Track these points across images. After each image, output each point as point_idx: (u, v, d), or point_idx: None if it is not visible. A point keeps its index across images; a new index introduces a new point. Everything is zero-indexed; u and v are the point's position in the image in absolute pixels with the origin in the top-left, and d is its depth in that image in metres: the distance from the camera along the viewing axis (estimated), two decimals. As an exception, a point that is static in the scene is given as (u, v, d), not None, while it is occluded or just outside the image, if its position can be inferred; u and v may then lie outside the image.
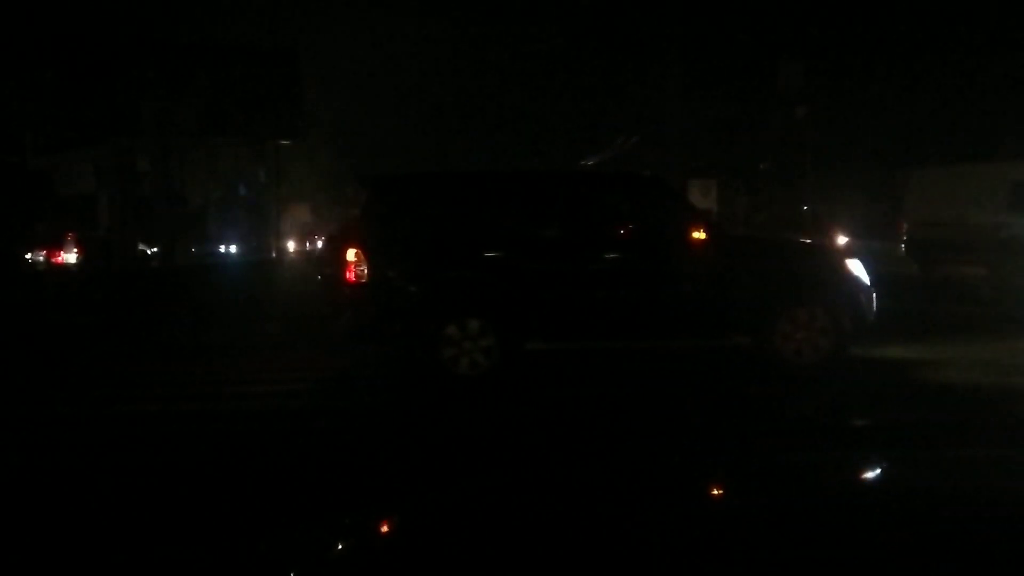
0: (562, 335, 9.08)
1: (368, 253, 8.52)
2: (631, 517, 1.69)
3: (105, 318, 14.63)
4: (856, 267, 9.08)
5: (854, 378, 8.49)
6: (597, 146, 31.89)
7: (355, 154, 45.04)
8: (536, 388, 8.36)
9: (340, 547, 1.67)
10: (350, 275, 8.50)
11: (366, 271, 8.48)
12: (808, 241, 14.93)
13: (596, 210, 9.15)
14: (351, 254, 8.54)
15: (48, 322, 14.18)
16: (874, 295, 9.01)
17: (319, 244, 47.06)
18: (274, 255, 33.46)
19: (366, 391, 8.51)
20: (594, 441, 6.32)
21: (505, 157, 32.42)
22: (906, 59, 24.42)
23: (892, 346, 9.96)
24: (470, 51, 33.69)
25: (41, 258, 30.87)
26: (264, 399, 8.05)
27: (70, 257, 29.88)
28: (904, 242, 16.91)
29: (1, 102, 28.44)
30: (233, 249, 36.62)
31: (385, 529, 1.79)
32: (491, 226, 8.85)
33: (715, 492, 1.96)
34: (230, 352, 10.70)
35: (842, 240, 22.50)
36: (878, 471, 2.11)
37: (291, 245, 36.60)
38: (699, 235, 8.78)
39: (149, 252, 31.99)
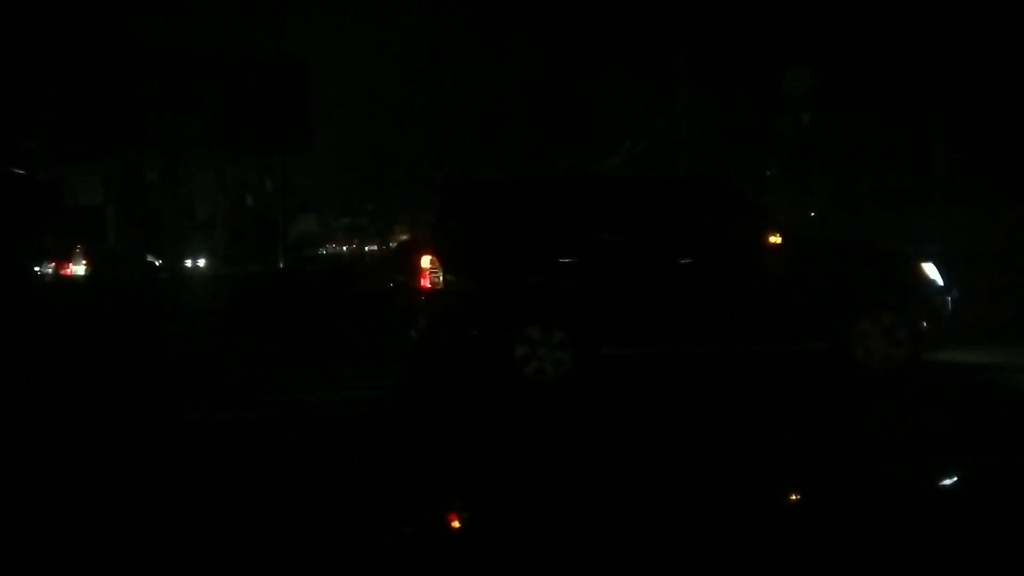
0: (637, 341, 9.04)
1: (442, 260, 8.51)
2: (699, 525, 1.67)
3: (151, 328, 14.56)
4: (931, 270, 8.98)
5: (931, 383, 8.38)
6: (604, 151, 31.90)
7: (362, 165, 45.13)
8: (612, 393, 8.30)
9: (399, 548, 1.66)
10: (425, 282, 8.49)
11: (441, 278, 8.48)
12: (883, 245, 14.84)
13: (671, 215, 9.08)
14: (426, 261, 8.53)
15: (96, 332, 14.10)
16: (949, 299, 8.91)
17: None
18: (281, 266, 33.53)
19: (439, 398, 8.45)
20: (668, 445, 6.27)
21: (512, 163, 32.44)
22: (914, 65, 24.41)
23: (968, 350, 9.81)
24: (475, 58, 33.75)
25: (49, 270, 30.92)
26: (335, 406, 8.05)
27: (78, 269, 29.93)
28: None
29: (9, 114, 28.54)
30: (201, 263, 35.45)
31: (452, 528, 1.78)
32: (565, 232, 8.82)
33: (792, 499, 1.93)
34: (291, 360, 10.67)
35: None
36: (958, 479, 2.08)
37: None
38: (774, 239, 8.71)
39: (157, 263, 32.04)
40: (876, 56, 24.71)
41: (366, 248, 53.23)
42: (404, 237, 54.42)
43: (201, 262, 35.80)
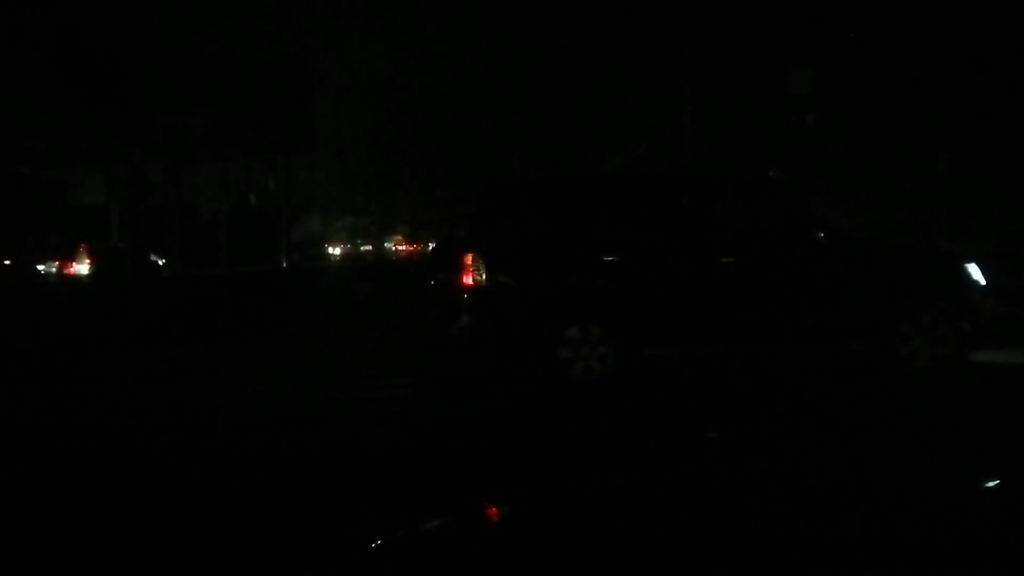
0: (680, 340, 8.96)
1: (486, 258, 8.51)
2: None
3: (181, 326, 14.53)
4: (974, 270, 8.89)
5: (973, 383, 8.32)
6: (607, 152, 31.89)
7: (365, 164, 45.12)
8: (650, 392, 8.27)
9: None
10: (468, 280, 8.52)
11: (484, 276, 8.48)
12: (928, 245, 14.78)
13: (714, 214, 9.04)
14: (469, 259, 8.53)
15: (104, 331, 14.08)
16: (992, 299, 8.87)
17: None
18: (284, 266, 33.53)
19: (479, 395, 8.44)
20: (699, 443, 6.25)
21: (516, 164, 32.43)
22: (918, 65, 24.37)
23: (1009, 351, 9.72)
24: (479, 58, 33.74)
25: (53, 269, 30.96)
26: (369, 404, 8.05)
27: (82, 268, 29.95)
28: None
29: (12, 114, 28.57)
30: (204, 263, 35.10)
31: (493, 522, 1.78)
32: (608, 230, 8.80)
33: (832, 499, 1.91)
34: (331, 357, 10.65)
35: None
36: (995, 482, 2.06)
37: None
38: (818, 239, 8.62)
39: (160, 263, 32.06)
40: (880, 57, 24.67)
41: (361, 248, 53.17)
42: (398, 237, 54.56)
43: (203, 261, 35.74)
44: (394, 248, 53.02)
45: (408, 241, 54.14)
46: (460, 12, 33.33)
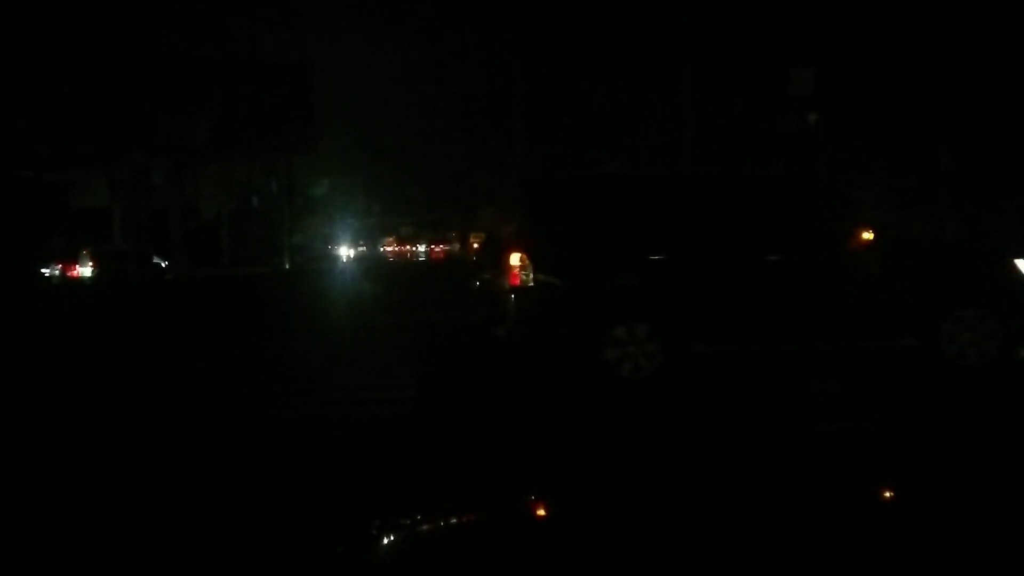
0: (728, 338, 8.87)
1: (532, 258, 8.47)
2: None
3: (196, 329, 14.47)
4: (1022, 267, 8.78)
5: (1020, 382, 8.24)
6: (608, 152, 31.90)
7: (367, 165, 45.17)
8: (698, 392, 8.20)
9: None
10: (514, 280, 8.43)
11: (531, 276, 8.43)
12: (977, 241, 14.60)
13: (762, 212, 8.99)
14: (515, 259, 8.46)
15: (110, 335, 14.03)
16: None
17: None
18: (287, 267, 33.58)
19: (523, 395, 8.37)
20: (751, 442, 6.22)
21: (518, 163, 32.45)
22: (921, 64, 24.37)
23: None
24: (481, 59, 33.77)
25: (57, 272, 30.99)
26: (398, 405, 8.02)
27: (85, 271, 29.98)
28: None
29: (16, 116, 28.62)
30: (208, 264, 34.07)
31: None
32: (655, 228, 8.75)
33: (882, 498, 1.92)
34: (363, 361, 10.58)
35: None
36: None
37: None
38: (866, 236, 8.60)
39: (163, 265, 32.10)
40: (882, 56, 24.69)
41: (382, 248, 53.24)
42: (391, 239, 54.58)
43: (206, 263, 35.81)
44: (383, 250, 53.10)
45: (400, 243, 54.28)
46: (462, 13, 33.37)
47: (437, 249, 48.67)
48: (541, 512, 1.82)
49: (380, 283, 24.11)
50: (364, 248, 52.12)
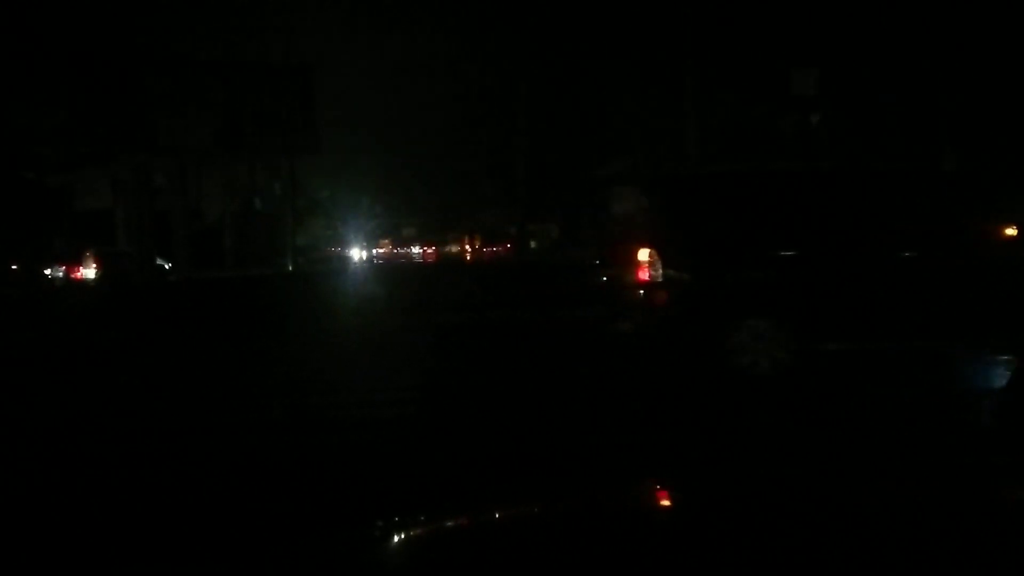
0: (860, 336, 8.63)
1: (661, 253, 8.47)
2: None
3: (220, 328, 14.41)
4: None
5: None
6: (610, 153, 31.92)
7: (371, 166, 45.22)
8: (829, 391, 8.07)
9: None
10: (643, 276, 8.37)
11: (660, 272, 8.40)
12: None
13: (893, 207, 8.73)
14: (644, 255, 8.41)
15: (114, 336, 14.00)
16: None
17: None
18: (291, 268, 33.59)
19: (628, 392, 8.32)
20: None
21: (520, 165, 32.48)
22: (923, 64, 24.36)
23: None
24: (483, 62, 33.78)
25: (60, 274, 31.03)
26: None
27: (88, 273, 30.01)
28: None
29: (18, 118, 28.68)
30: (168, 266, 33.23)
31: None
32: (784, 224, 8.58)
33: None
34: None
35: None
36: None
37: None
38: (1008, 232, 8.34)
39: (167, 267, 32.13)
40: (885, 56, 24.68)
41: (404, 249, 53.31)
42: (384, 241, 54.63)
43: (209, 265, 35.86)
44: (375, 252, 53.09)
45: (393, 245, 54.47)
46: (464, 14, 33.38)
47: (429, 251, 49.28)
48: (666, 503, 1.78)
49: (373, 284, 24.00)
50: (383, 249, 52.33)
